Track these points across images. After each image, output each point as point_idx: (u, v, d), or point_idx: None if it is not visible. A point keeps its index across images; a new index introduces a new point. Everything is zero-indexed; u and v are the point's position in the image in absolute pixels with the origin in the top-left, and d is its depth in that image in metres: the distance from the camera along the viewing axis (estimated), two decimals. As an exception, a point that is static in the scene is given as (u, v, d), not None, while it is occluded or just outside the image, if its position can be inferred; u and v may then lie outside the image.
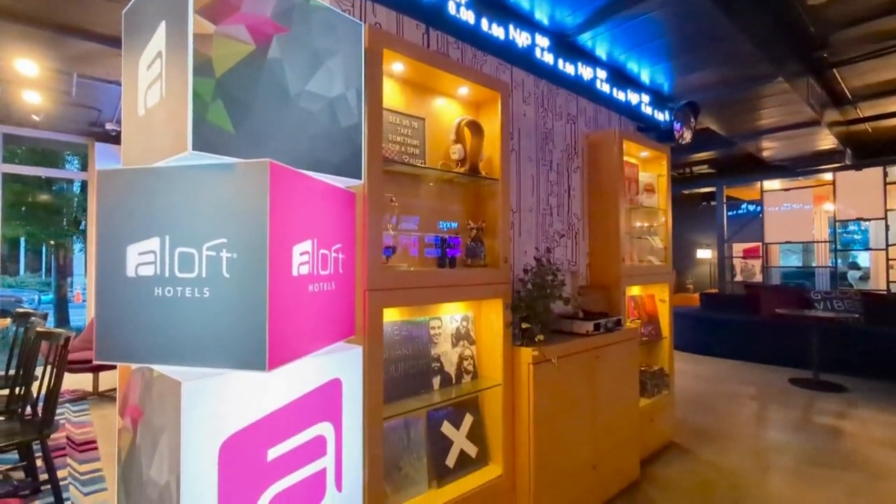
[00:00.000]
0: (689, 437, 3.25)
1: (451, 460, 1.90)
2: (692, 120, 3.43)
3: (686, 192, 9.95)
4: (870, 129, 6.34)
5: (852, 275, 9.97)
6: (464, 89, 2.03)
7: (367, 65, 1.43)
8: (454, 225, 2.06)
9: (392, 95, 1.89)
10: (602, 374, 2.32)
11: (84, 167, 6.41)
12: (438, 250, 1.90)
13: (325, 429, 1.09)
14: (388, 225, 1.76)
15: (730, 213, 9.96)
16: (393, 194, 1.80)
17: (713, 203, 9.17)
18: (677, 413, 3.59)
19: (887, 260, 6.82)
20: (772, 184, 7.79)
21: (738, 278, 10.44)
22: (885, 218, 6.64)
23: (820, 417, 3.70)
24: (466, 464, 1.94)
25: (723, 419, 3.64)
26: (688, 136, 3.42)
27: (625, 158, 2.96)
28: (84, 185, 8.43)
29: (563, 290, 2.16)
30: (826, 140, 5.52)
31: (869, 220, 6.87)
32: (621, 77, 3.30)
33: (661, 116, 3.58)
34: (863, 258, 9.48)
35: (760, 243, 8.02)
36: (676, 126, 3.34)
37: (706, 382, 4.78)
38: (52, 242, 10.44)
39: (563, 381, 2.10)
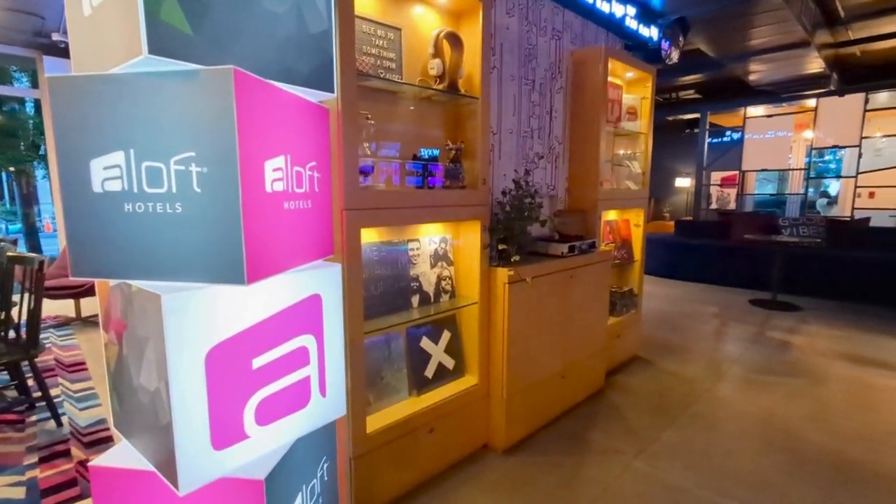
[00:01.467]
0: (653, 350, 3.51)
1: (429, 372, 2.03)
2: (681, 38, 3.30)
3: (670, 118, 9.82)
4: (858, 53, 6.23)
5: (820, 202, 10.32)
6: (443, -4, 1.89)
7: (335, -36, 1.31)
8: (436, 153, 2.02)
9: (366, 1, 1.76)
10: (574, 294, 2.44)
11: (35, 84, 5.93)
12: (419, 179, 1.87)
13: (307, 340, 1.14)
14: (367, 150, 1.72)
15: (711, 141, 9.97)
16: (369, 112, 1.74)
17: (696, 131, 9.11)
18: (644, 330, 3.84)
19: (855, 187, 7.03)
20: (756, 110, 7.73)
21: (714, 206, 10.71)
22: (860, 146, 6.75)
23: (772, 332, 4.01)
24: (444, 375, 2.08)
25: (685, 335, 3.91)
26: (675, 55, 3.31)
27: (609, 79, 2.88)
28: (39, 107, 7.85)
29: (540, 212, 2.19)
30: (814, 63, 5.42)
31: (844, 147, 6.97)
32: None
33: (649, 33, 3.44)
34: (834, 186, 9.75)
35: (738, 171, 8.12)
36: (665, 45, 3.22)
37: (673, 303, 5.07)
38: (11, 169, 9.90)
39: (536, 300, 2.20)
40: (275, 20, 0.98)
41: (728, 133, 10.02)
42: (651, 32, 3.37)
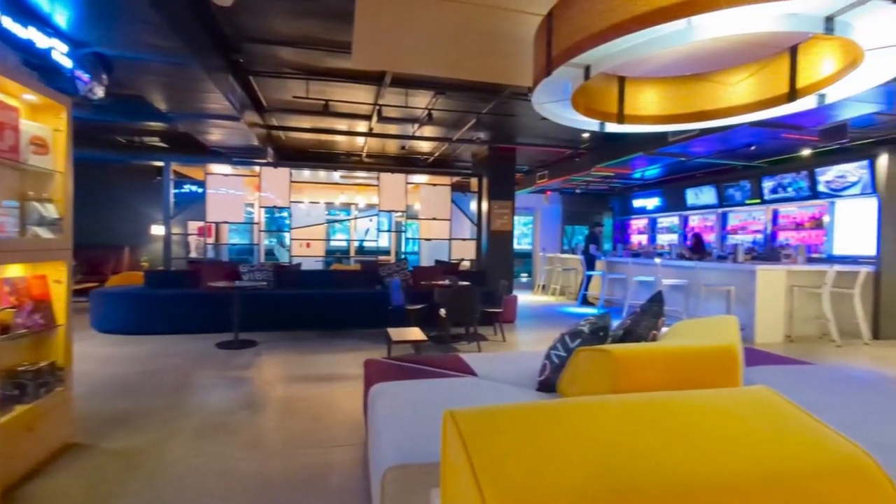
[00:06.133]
0: (96, 430, 2.93)
1: None
2: (104, 75, 3.05)
3: (137, 163, 9.19)
4: (283, 137, 8.08)
5: (279, 250, 12.57)
6: None
7: None
8: None
9: None
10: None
11: None
12: None
13: None
14: None
15: (181, 191, 10.07)
16: None
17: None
18: (84, 407, 3.18)
19: (290, 239, 9.02)
20: (217, 168, 8.47)
21: (193, 255, 10.81)
22: (289, 207, 8.73)
23: (232, 371, 4.33)
24: None
25: (141, 399, 3.54)
26: (100, 91, 3.02)
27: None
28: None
29: None
30: (252, 137, 6.53)
31: (283, 207, 8.80)
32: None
33: (68, 63, 2.97)
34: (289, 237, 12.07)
35: (203, 222, 8.57)
36: (83, 76, 2.86)
37: (136, 363, 4.56)
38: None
39: None
40: None
41: (199, 185, 10.47)
42: (64, 61, 2.92)
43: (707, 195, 9.83)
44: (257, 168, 8.39)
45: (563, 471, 0.97)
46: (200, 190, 8.70)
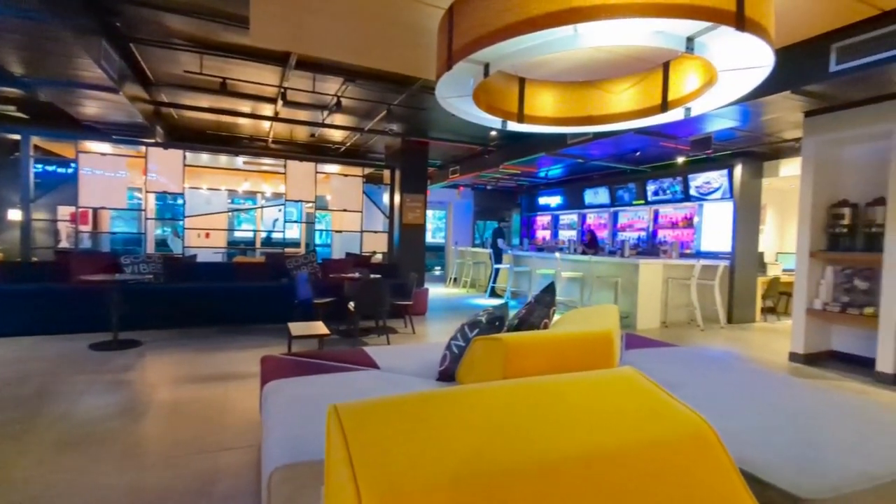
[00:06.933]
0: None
1: None
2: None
3: (-16, 134, 7.75)
4: (175, 115, 7.33)
5: (173, 241, 11.41)
6: None
7: None
8: None
9: None
10: None
11: None
12: None
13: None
14: None
15: (47, 170, 8.72)
16: None
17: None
18: None
19: (184, 229, 8.25)
20: (92, 145, 7.44)
21: (65, 244, 9.39)
22: (183, 193, 7.97)
23: (107, 375, 3.85)
24: None
25: (6, 413, 3.02)
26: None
27: None
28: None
29: None
30: (136, 114, 5.82)
31: (174, 193, 8.00)
32: None
33: None
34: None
35: (75, 207, 7.51)
36: None
37: (-21, 372, 3.87)
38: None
39: None
40: None
41: (71, 164, 9.11)
42: None
43: (602, 195, 10.72)
44: (143, 148, 7.51)
45: (442, 458, 0.99)
46: (72, 170, 7.58)
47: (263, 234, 12.84)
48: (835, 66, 3.22)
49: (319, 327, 3.82)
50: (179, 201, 8.52)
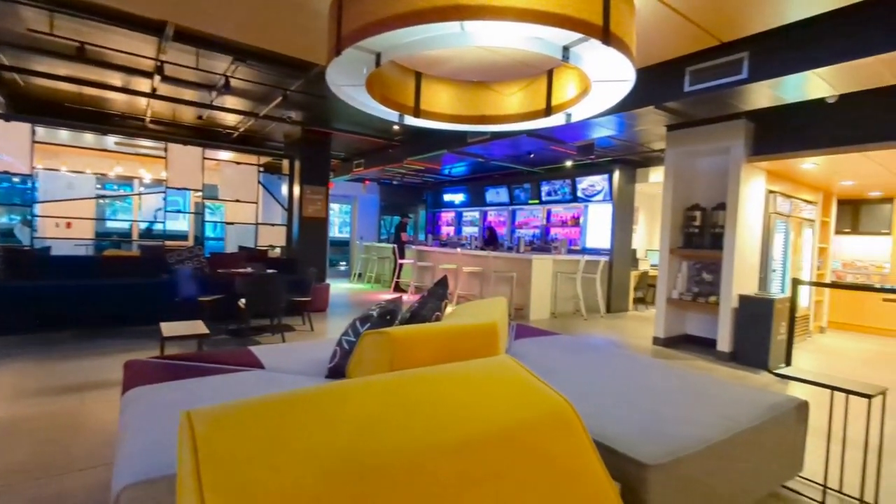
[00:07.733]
0: None
1: None
2: None
3: None
4: (22, 83, 6.21)
5: (21, 230, 9.64)
6: None
7: None
8: None
9: None
10: None
11: None
12: None
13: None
14: None
15: None
16: None
17: None
18: None
19: (32, 216, 7.02)
20: None
21: None
22: (34, 175, 6.79)
23: (-85, 394, 3.15)
24: None
25: None
26: None
27: None
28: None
29: None
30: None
31: (17, 174, 6.79)
32: None
33: None
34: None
35: None
36: None
37: None
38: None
39: None
40: None
41: None
42: None
43: (502, 194, 11.23)
44: (-25, 119, 6.24)
45: (308, 457, 0.95)
46: None
47: (143, 226, 11.41)
48: (688, 86, 3.70)
49: (198, 326, 3.49)
50: (29, 184, 7.23)
